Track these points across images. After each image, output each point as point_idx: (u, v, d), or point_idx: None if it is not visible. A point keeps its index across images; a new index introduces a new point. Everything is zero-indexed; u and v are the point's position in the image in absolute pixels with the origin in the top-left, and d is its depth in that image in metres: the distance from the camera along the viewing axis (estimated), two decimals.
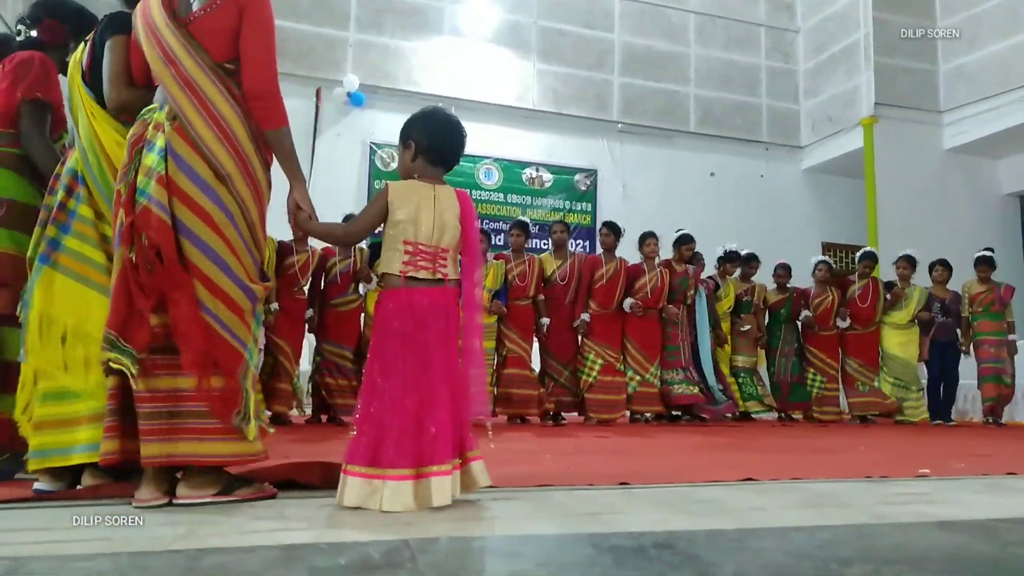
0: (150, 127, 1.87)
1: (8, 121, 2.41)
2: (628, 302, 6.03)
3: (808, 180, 10.87)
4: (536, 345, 6.00)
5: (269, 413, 5.21)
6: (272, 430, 2.00)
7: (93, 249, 2.03)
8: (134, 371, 1.76)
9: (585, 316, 5.97)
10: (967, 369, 6.88)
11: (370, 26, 9.27)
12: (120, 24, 2.05)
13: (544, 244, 7.90)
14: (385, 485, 1.75)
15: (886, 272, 7.46)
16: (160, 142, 1.82)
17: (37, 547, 1.38)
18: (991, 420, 6.61)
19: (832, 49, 10.40)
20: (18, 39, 2.53)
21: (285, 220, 2.01)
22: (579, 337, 6.06)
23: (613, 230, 6.18)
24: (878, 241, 8.92)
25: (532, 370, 5.83)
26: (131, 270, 1.79)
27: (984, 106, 9.17)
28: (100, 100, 2.08)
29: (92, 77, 2.11)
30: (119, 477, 1.96)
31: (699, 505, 1.93)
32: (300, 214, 1.97)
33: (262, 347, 5.09)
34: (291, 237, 5.00)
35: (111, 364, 1.78)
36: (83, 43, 2.20)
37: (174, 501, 1.79)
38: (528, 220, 6.41)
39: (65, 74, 2.22)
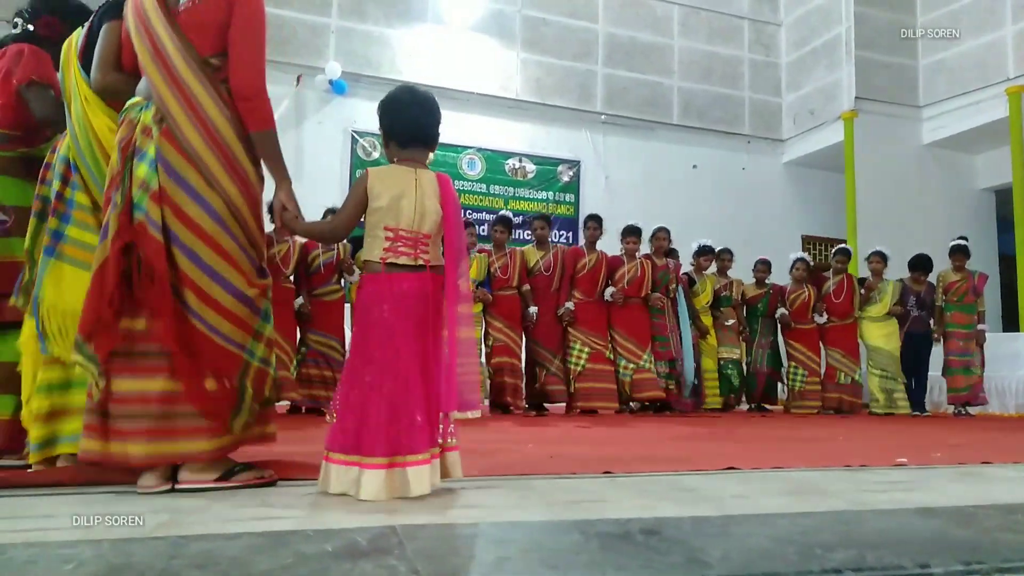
0: (137, 130, 1.84)
1: (5, 119, 2.34)
2: (609, 291, 6.11)
3: (789, 173, 10.95)
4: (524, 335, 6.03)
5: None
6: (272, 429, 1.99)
7: (94, 236, 2.00)
8: (96, 376, 1.76)
9: (569, 304, 5.98)
10: (934, 359, 7.01)
11: (352, 13, 9.17)
12: (118, 10, 2.04)
13: (527, 235, 7.89)
14: (361, 473, 1.73)
15: (862, 266, 7.55)
16: (151, 151, 1.80)
17: (17, 535, 1.36)
18: (961, 411, 6.73)
19: (814, 43, 10.46)
20: (13, 32, 2.50)
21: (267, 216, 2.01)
22: (565, 327, 6.04)
23: (600, 224, 6.23)
24: (856, 234, 9.02)
25: (519, 359, 5.84)
26: (116, 279, 1.76)
27: (962, 101, 9.28)
28: None
29: (86, 60, 2.09)
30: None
31: (683, 493, 1.94)
32: (286, 214, 1.97)
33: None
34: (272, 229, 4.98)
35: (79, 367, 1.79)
36: (79, 28, 2.18)
37: (176, 486, 1.80)
38: (511, 215, 6.40)
39: (59, 69, 2.20)
